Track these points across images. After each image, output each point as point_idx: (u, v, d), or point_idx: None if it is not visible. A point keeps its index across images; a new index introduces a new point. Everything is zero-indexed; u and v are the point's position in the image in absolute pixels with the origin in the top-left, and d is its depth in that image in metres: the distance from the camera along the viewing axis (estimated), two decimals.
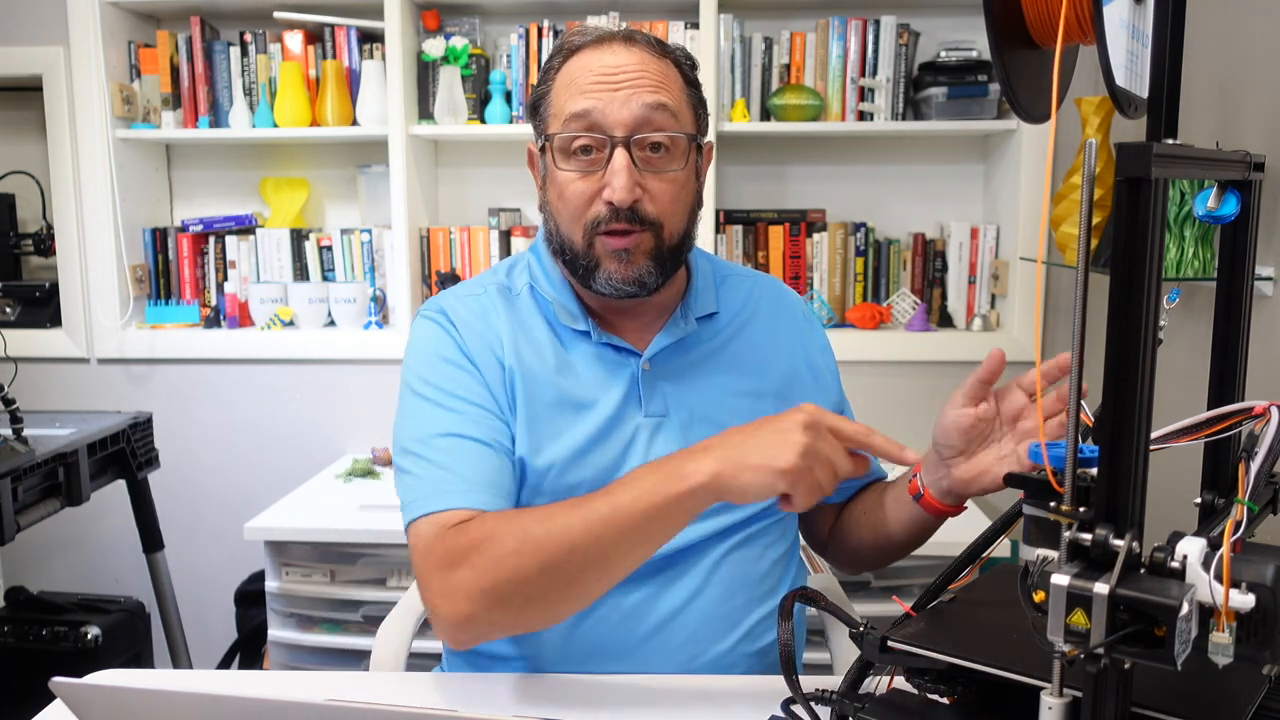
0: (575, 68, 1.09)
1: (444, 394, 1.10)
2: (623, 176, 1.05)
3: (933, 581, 0.87)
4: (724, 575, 1.12)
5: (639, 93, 1.06)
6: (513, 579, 0.94)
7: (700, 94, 1.15)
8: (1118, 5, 0.66)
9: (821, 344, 1.27)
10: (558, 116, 1.09)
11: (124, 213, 2.49)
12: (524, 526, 0.95)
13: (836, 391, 1.26)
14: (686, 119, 1.10)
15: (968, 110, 2.34)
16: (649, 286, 1.10)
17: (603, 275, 1.08)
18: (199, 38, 2.49)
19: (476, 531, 0.97)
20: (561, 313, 1.14)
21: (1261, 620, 0.68)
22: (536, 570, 0.93)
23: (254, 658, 2.39)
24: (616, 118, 1.05)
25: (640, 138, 1.06)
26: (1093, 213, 0.60)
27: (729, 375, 1.17)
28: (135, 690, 0.73)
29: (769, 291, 1.27)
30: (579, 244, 1.09)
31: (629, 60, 1.07)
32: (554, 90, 1.11)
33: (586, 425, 1.11)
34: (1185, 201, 1.75)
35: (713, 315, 1.20)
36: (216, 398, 2.59)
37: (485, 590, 0.94)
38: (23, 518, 1.80)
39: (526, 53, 2.44)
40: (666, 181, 1.08)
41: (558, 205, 1.10)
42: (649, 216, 1.07)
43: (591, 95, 1.06)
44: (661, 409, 1.13)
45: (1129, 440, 0.60)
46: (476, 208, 2.62)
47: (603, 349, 1.14)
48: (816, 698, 0.82)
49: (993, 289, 2.47)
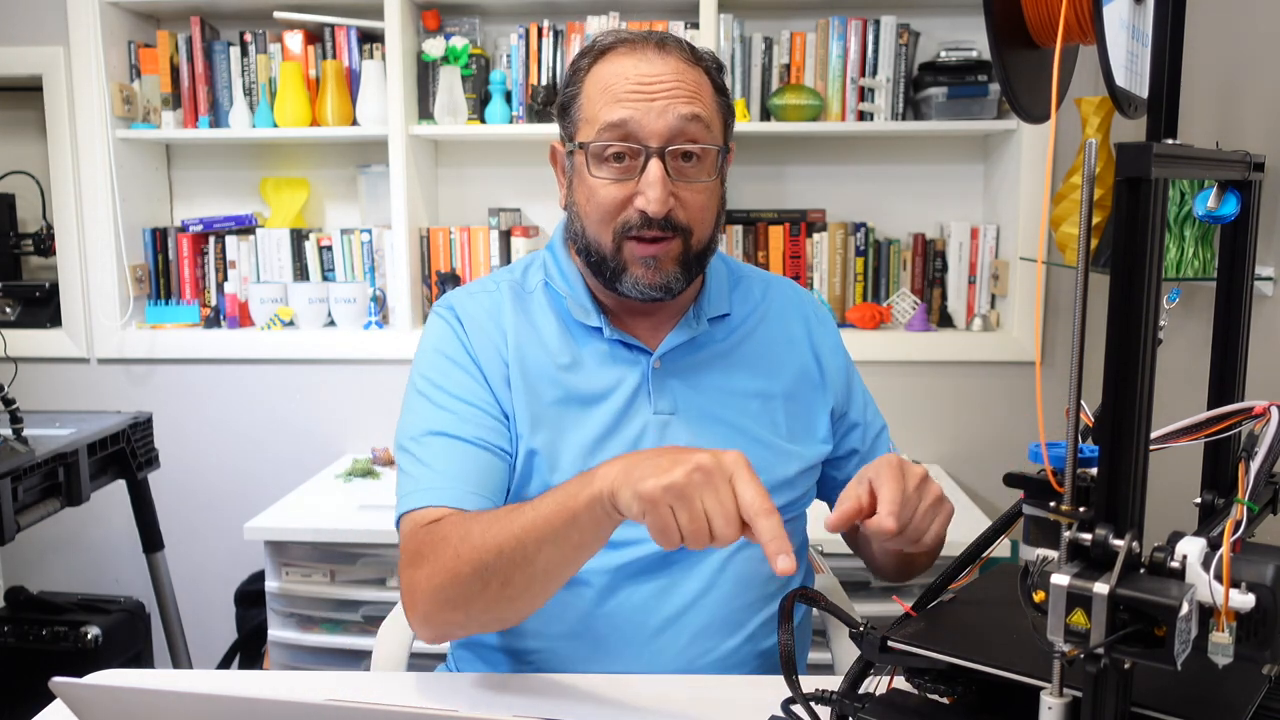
0: (608, 73, 1.10)
1: (441, 392, 1.12)
2: (658, 189, 1.06)
3: (933, 581, 0.87)
4: (732, 574, 1.12)
5: (674, 104, 1.07)
6: (454, 580, 0.97)
7: (729, 101, 1.16)
8: (1118, 5, 0.66)
9: (832, 344, 1.27)
10: (591, 123, 1.09)
11: (124, 213, 2.49)
12: (468, 529, 0.98)
13: (844, 390, 1.26)
14: (717, 129, 1.12)
15: (968, 110, 2.33)
16: (674, 291, 1.12)
17: (630, 279, 1.10)
18: (199, 38, 2.49)
19: (437, 533, 1.00)
20: (575, 308, 1.16)
21: (1261, 620, 0.68)
22: (470, 572, 0.96)
23: (254, 658, 2.39)
24: (652, 129, 1.06)
25: (674, 149, 1.07)
26: (1093, 213, 0.60)
27: (739, 375, 1.18)
28: (135, 690, 0.73)
29: (782, 293, 1.28)
30: (607, 247, 1.10)
31: (664, 70, 1.08)
32: (585, 93, 1.11)
33: (596, 421, 1.12)
34: (1185, 201, 1.75)
35: (725, 316, 1.21)
36: (216, 398, 2.59)
37: (434, 590, 0.98)
38: (23, 518, 1.80)
39: (526, 53, 2.44)
40: (698, 191, 1.10)
41: (586, 208, 1.11)
42: (680, 224, 1.09)
43: (628, 104, 1.07)
44: (670, 406, 1.14)
45: (1129, 440, 0.60)
46: (476, 208, 2.62)
47: (614, 345, 1.15)
48: (816, 698, 0.82)
49: (993, 289, 2.47)
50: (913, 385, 2.48)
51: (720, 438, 1.14)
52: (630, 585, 1.09)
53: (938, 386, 2.49)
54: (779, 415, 1.19)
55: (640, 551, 1.10)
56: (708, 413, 1.15)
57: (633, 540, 1.09)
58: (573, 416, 1.12)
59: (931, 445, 2.52)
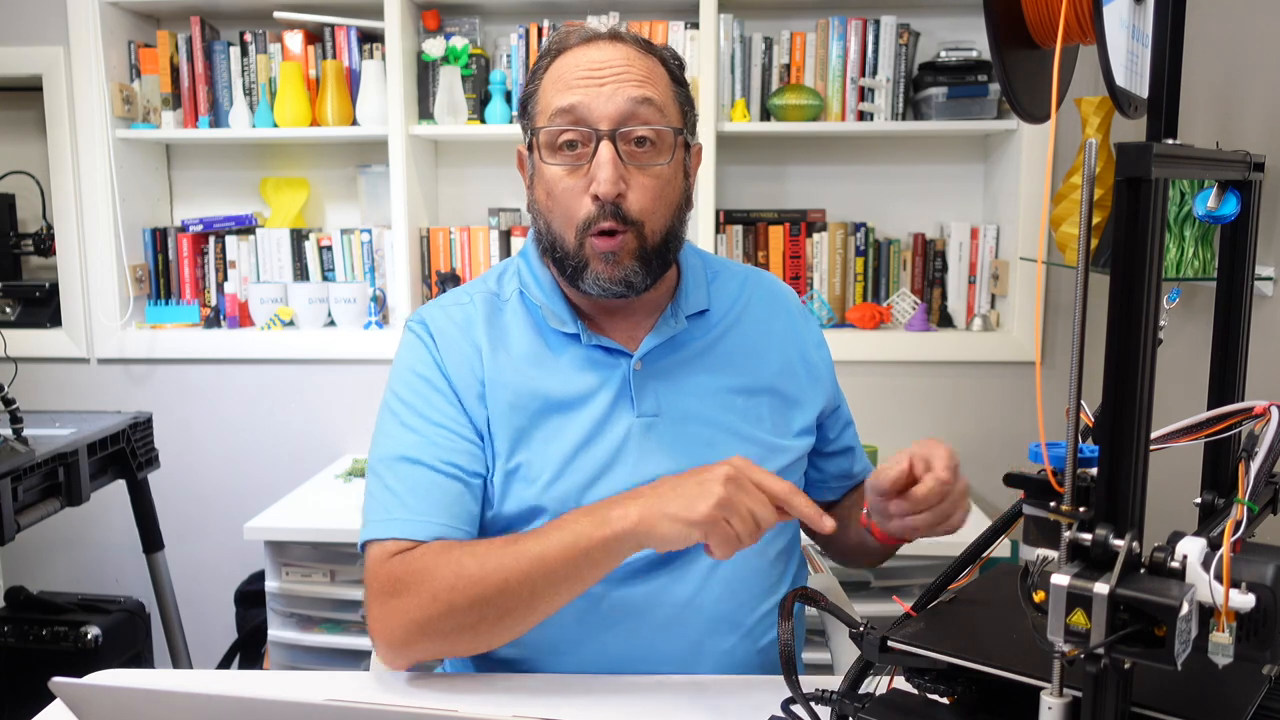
0: (562, 65, 1.10)
1: (412, 412, 1.12)
2: (607, 169, 1.05)
3: (933, 581, 0.87)
4: (726, 572, 1.12)
5: (624, 86, 1.06)
6: (447, 612, 0.99)
7: (688, 93, 1.15)
8: (1118, 5, 0.66)
9: (816, 339, 1.27)
10: (544, 112, 1.09)
11: (124, 213, 2.49)
12: (460, 562, 1.00)
13: (831, 386, 1.26)
14: (673, 114, 1.11)
15: (968, 110, 2.33)
16: (636, 287, 1.10)
17: (590, 275, 1.09)
18: (199, 38, 2.49)
19: (416, 563, 1.02)
20: (550, 317, 1.14)
21: (1261, 620, 0.68)
22: (468, 605, 0.98)
23: (254, 658, 2.39)
24: (601, 111, 1.06)
25: (625, 131, 1.06)
26: (1093, 213, 0.60)
27: (722, 373, 1.17)
28: (135, 690, 0.73)
29: (761, 286, 1.27)
30: (570, 244, 1.09)
31: (614, 56, 1.08)
32: (541, 88, 1.11)
33: (575, 429, 1.11)
34: (1185, 201, 1.75)
35: (704, 312, 1.19)
36: (216, 398, 2.59)
37: (420, 622, 1.00)
38: (23, 518, 1.80)
39: (526, 53, 2.44)
40: (651, 176, 1.08)
41: (547, 204, 1.11)
42: (631, 214, 1.07)
43: (577, 90, 1.06)
44: (654, 408, 1.13)
45: (1129, 440, 0.60)
46: (476, 208, 2.62)
47: (593, 351, 1.14)
48: (816, 698, 0.82)
49: (993, 289, 2.47)
50: (913, 385, 2.48)
51: (706, 437, 1.13)
52: (625, 588, 1.09)
53: (938, 386, 2.49)
54: (763, 410, 1.18)
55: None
56: (692, 412, 1.14)
57: None
58: (553, 426, 1.11)
59: None
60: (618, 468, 1.10)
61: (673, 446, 1.12)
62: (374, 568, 1.04)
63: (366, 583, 1.05)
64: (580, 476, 1.10)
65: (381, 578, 1.03)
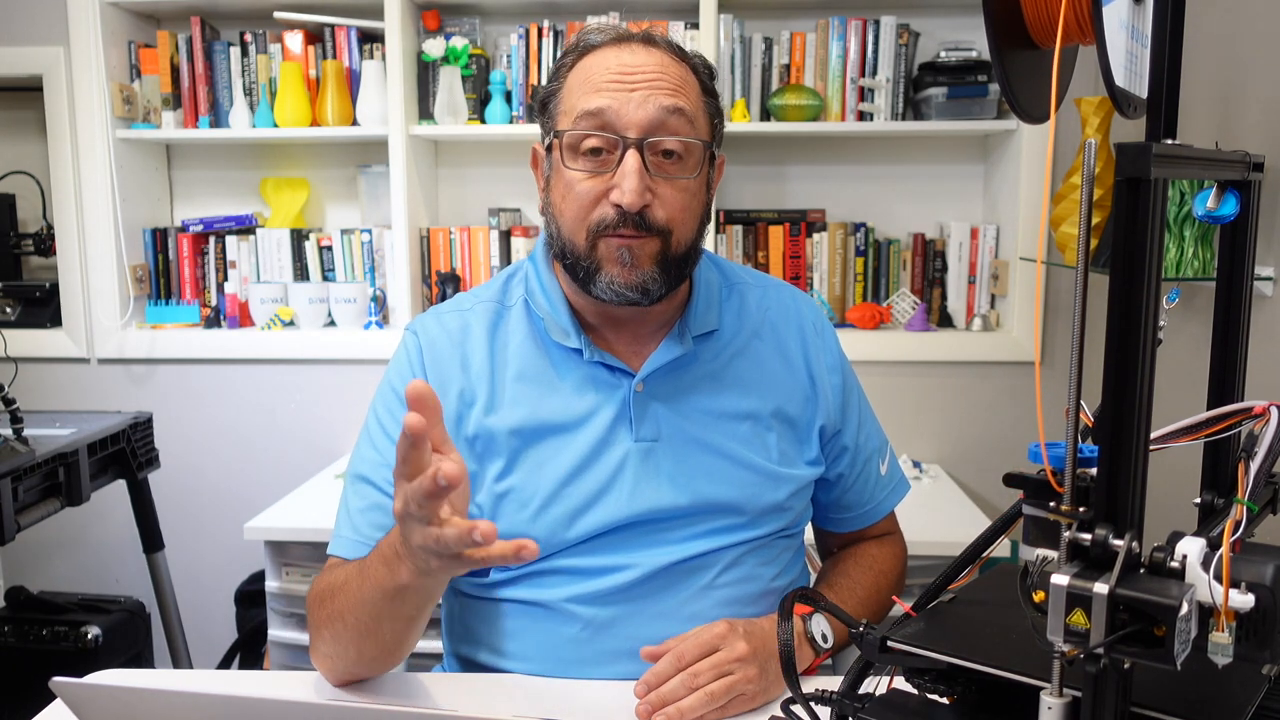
0: (590, 65, 1.05)
1: (379, 429, 1.12)
2: (633, 180, 1.00)
3: (933, 581, 0.87)
4: (719, 596, 1.09)
5: (656, 94, 1.02)
6: (314, 627, 1.03)
7: (718, 104, 1.11)
8: (1117, 5, 0.66)
9: (830, 362, 1.19)
10: (569, 113, 1.04)
11: (124, 213, 2.49)
12: (331, 581, 1.03)
13: (838, 410, 1.18)
14: (702, 126, 1.06)
15: (968, 110, 2.34)
16: (651, 294, 1.04)
17: (604, 279, 1.03)
18: (199, 38, 2.49)
19: (321, 584, 1.05)
20: (554, 329, 1.10)
21: (1261, 620, 0.68)
22: (323, 620, 1.01)
23: (254, 658, 2.39)
24: (631, 119, 1.01)
25: (654, 141, 1.02)
26: (1092, 213, 0.60)
27: (726, 397, 1.12)
28: (135, 690, 0.73)
29: (780, 303, 1.20)
30: (581, 246, 1.04)
31: (648, 61, 1.03)
32: (566, 87, 1.06)
33: (570, 454, 1.07)
34: (1185, 201, 1.75)
35: (713, 333, 1.14)
36: (216, 398, 2.59)
37: (312, 636, 1.04)
38: (23, 518, 1.80)
39: (526, 53, 2.44)
40: (678, 189, 1.04)
41: (561, 206, 1.06)
42: (657, 223, 1.02)
43: (606, 93, 1.02)
44: (654, 433, 1.09)
45: (1129, 440, 0.60)
46: (476, 208, 2.62)
47: (595, 368, 1.10)
48: (816, 698, 0.82)
49: (992, 289, 2.47)
50: (913, 385, 2.48)
51: (706, 464, 1.09)
52: (615, 608, 1.06)
53: (938, 386, 2.49)
54: (770, 438, 1.12)
55: (625, 578, 1.07)
56: (693, 438, 1.09)
57: (617, 567, 1.07)
58: (548, 449, 1.07)
59: (931, 445, 2.52)
60: (610, 495, 1.07)
61: (671, 473, 1.08)
62: (313, 582, 1.08)
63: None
64: (574, 501, 1.07)
65: (311, 594, 1.06)
